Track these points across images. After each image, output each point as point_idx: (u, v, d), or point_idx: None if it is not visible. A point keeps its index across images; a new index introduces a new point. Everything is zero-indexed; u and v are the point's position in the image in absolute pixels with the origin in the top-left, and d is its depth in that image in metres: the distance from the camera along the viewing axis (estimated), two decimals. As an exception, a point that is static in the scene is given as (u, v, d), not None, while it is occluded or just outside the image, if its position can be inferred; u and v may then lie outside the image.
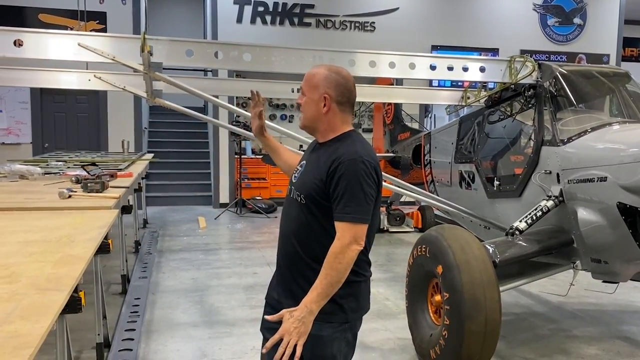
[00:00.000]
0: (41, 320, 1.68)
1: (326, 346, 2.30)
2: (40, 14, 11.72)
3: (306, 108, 2.45)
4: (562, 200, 4.70)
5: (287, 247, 2.43)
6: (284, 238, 2.46)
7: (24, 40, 4.64)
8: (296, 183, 2.45)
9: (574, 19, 15.08)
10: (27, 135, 12.12)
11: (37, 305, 1.83)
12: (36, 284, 2.07)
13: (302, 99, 2.46)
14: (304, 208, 2.35)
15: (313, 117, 2.43)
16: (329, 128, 2.44)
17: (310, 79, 2.44)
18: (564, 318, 5.74)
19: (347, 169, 2.24)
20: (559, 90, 5.18)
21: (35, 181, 5.40)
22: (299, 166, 2.52)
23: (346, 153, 2.28)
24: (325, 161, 2.32)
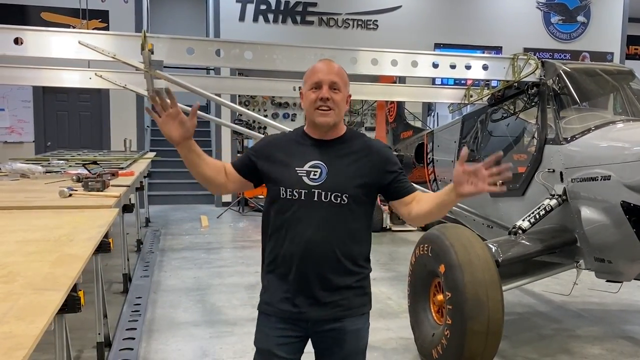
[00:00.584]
0: (37, 321, 1.66)
1: (365, 338, 2.46)
2: (42, 12, 11.72)
3: (341, 105, 2.36)
4: (566, 199, 4.67)
5: (320, 254, 2.29)
6: (314, 245, 2.29)
7: (24, 39, 4.62)
8: (325, 184, 2.29)
9: (578, 16, 15.03)
10: (30, 134, 12.13)
11: (33, 306, 1.81)
12: (33, 284, 2.05)
13: (332, 94, 2.33)
14: (345, 209, 2.30)
15: (341, 116, 2.40)
16: (342, 126, 2.44)
17: (343, 74, 2.39)
18: (567, 317, 5.70)
19: (393, 155, 2.50)
20: (562, 88, 5.14)
21: (37, 180, 5.39)
22: (309, 167, 2.32)
23: (382, 145, 2.53)
24: (368, 158, 2.37)
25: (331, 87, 2.33)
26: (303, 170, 2.32)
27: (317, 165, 2.33)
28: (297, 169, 2.33)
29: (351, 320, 2.37)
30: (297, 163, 2.34)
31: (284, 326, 2.35)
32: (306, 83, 2.41)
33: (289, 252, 2.32)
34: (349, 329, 2.37)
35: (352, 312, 2.37)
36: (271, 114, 13.69)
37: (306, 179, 2.31)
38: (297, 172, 2.32)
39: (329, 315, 2.33)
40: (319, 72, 2.36)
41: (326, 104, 2.31)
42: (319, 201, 2.29)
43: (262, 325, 2.42)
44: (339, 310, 2.34)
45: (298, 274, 2.31)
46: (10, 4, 11.61)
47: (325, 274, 2.30)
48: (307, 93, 2.37)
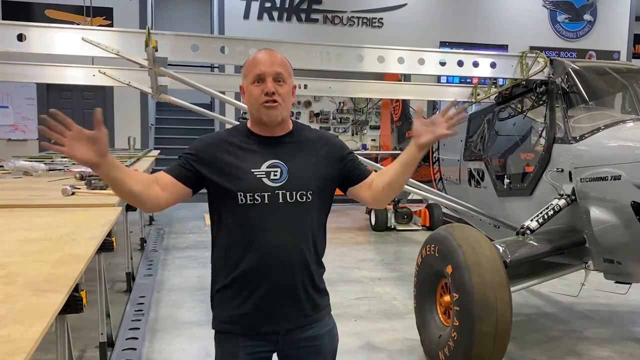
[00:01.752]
0: (36, 324, 1.61)
1: (337, 335, 2.40)
2: (46, 9, 11.71)
3: (287, 98, 2.17)
4: (575, 199, 4.60)
5: (290, 261, 2.14)
6: (284, 251, 2.13)
7: (27, 35, 4.58)
8: (288, 183, 2.13)
9: (584, 15, 14.94)
10: (34, 131, 12.11)
11: (32, 308, 1.76)
12: (33, 285, 2.00)
13: (278, 87, 2.13)
14: (310, 206, 2.17)
15: (289, 108, 2.21)
16: (289, 118, 2.26)
17: (286, 64, 2.18)
18: (574, 319, 5.64)
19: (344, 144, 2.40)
20: (571, 87, 5.07)
21: (39, 178, 5.36)
22: (267, 167, 2.14)
23: (328, 134, 2.41)
24: (324, 150, 2.25)
25: (275, 80, 2.13)
26: (261, 171, 2.13)
27: (275, 164, 2.15)
28: (254, 170, 2.13)
29: (323, 322, 2.28)
30: (252, 164, 2.14)
31: (252, 343, 2.17)
32: (247, 76, 2.18)
33: (256, 264, 2.12)
34: (323, 331, 2.27)
35: (322, 314, 2.28)
36: (275, 112, 13.62)
37: (267, 181, 2.12)
38: (255, 175, 2.12)
39: (302, 322, 2.21)
40: (260, 63, 2.14)
41: (272, 98, 2.11)
42: (284, 202, 2.12)
43: (226, 347, 2.22)
44: (311, 314, 2.23)
45: (267, 284, 2.13)
46: (15, 1, 11.61)
47: (296, 280, 2.16)
48: (250, 88, 2.16)
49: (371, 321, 5.31)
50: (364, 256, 8.22)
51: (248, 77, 2.17)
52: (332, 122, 14.09)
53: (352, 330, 5.10)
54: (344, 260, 7.83)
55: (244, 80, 2.21)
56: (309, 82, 6.28)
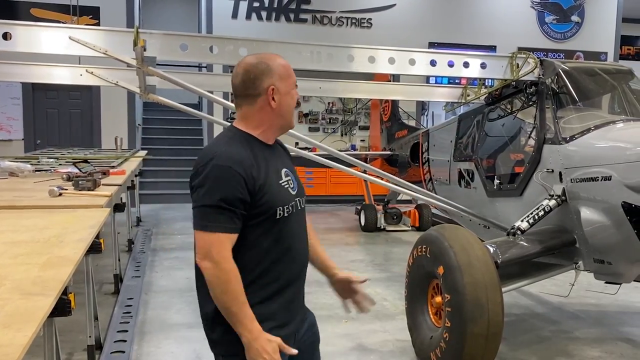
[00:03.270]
0: (24, 329, 1.56)
1: None
2: (32, 8, 11.57)
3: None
4: (565, 199, 4.61)
5: (304, 261, 2.25)
6: (306, 257, 2.25)
7: (12, 33, 4.51)
8: (297, 193, 2.16)
9: (572, 16, 15.04)
10: (19, 131, 11.97)
11: (20, 312, 1.71)
12: (21, 288, 1.95)
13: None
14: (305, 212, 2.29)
15: None
16: None
17: None
18: (565, 319, 5.65)
19: None
20: (561, 88, 5.08)
21: (26, 179, 5.27)
22: (284, 176, 2.12)
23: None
24: (288, 155, 2.30)
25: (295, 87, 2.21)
26: (284, 181, 2.11)
27: (287, 172, 2.15)
28: (281, 182, 2.10)
29: (309, 312, 2.37)
30: (276, 176, 2.09)
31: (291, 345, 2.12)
32: (286, 80, 2.11)
33: (291, 274, 2.12)
34: (313, 319, 2.36)
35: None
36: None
37: (290, 190, 2.12)
38: (283, 186, 2.10)
39: (304, 317, 2.30)
40: (291, 70, 2.16)
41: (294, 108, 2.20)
42: (301, 209, 2.19)
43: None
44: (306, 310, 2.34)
45: (292, 292, 2.14)
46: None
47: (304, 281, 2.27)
48: (292, 92, 2.14)
49: (362, 322, 5.28)
50: (354, 257, 8.20)
51: (288, 81, 2.12)
52: (321, 122, 14.07)
53: (343, 331, 5.07)
54: (334, 261, 7.63)
55: (281, 83, 2.09)
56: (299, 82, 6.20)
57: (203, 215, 1.94)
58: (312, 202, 12.48)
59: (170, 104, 5.25)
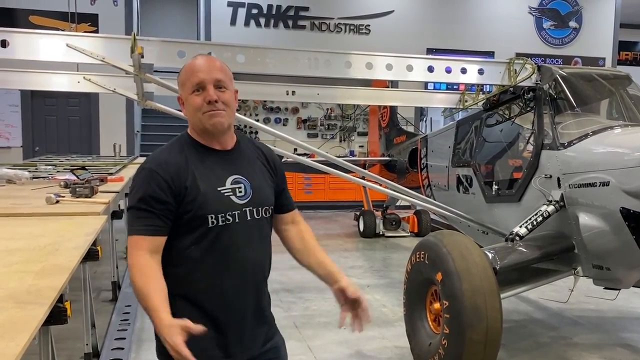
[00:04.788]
0: (18, 338, 1.55)
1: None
2: (30, 16, 11.59)
3: (232, 104, 2.06)
4: (563, 205, 4.61)
5: (256, 280, 2.09)
6: (252, 272, 2.06)
7: (10, 41, 4.51)
8: (252, 201, 2.04)
9: (570, 22, 15.07)
10: (18, 138, 11.97)
11: (14, 321, 1.70)
12: (15, 297, 1.94)
13: (226, 93, 2.03)
14: (267, 222, 2.13)
15: (234, 115, 2.10)
16: (232, 127, 2.13)
17: (225, 69, 2.07)
18: (564, 325, 5.63)
19: (281, 163, 2.30)
20: (559, 93, 5.09)
21: (23, 186, 5.26)
22: (232, 184, 2.02)
23: (268, 148, 2.29)
24: (262, 161, 2.18)
25: (217, 86, 2.00)
26: (227, 188, 2.01)
27: (238, 180, 2.04)
28: (220, 189, 2.00)
29: (278, 334, 2.24)
30: (216, 182, 2.01)
31: None
32: (184, 85, 2.04)
33: (232, 290, 2.00)
34: (280, 343, 2.23)
35: (274, 327, 2.23)
36: (263, 119, 13.58)
37: (234, 198, 2.01)
38: (223, 193, 1.99)
39: (263, 340, 2.14)
40: (199, 70, 2.00)
41: (215, 107, 1.99)
42: (252, 219, 2.03)
43: None
44: (269, 331, 2.18)
45: (232, 310, 2.01)
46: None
47: (258, 300, 2.11)
48: (190, 97, 2.01)
49: (361, 329, 5.26)
50: (353, 263, 8.19)
51: (186, 86, 2.03)
52: (319, 128, 14.07)
53: (341, 338, 5.04)
54: (333, 267, 7.77)
55: (182, 90, 2.06)
56: (297, 89, 6.25)
57: (128, 218, 2.02)
58: (311, 208, 12.46)
59: (168, 111, 5.25)
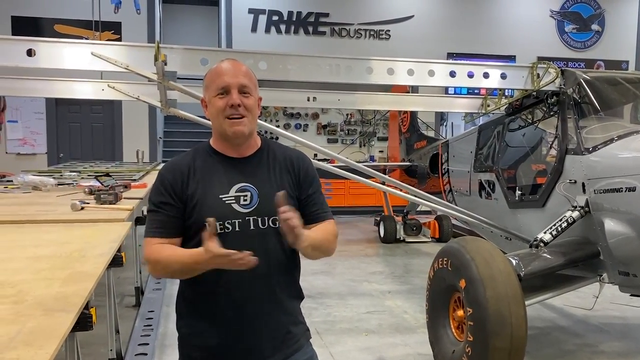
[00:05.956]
0: (46, 346, 1.57)
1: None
2: (55, 24, 11.78)
3: (254, 111, 2.05)
4: (588, 210, 4.54)
5: (257, 293, 2.02)
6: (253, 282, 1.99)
7: (37, 50, 4.58)
8: (257, 210, 1.99)
9: (592, 25, 14.91)
10: (43, 145, 12.16)
11: (42, 329, 1.72)
12: (43, 304, 1.96)
13: (250, 99, 2.03)
14: (274, 233, 1.99)
15: (255, 122, 2.08)
16: (256, 134, 2.12)
17: (251, 75, 2.06)
18: (589, 332, 5.55)
19: (312, 169, 2.17)
20: (583, 97, 5.02)
21: (49, 192, 5.33)
22: (236, 192, 2.01)
23: (299, 154, 2.17)
24: (286, 170, 2.09)
25: (241, 91, 2.00)
26: (230, 196, 1.99)
27: (245, 188, 2.01)
28: (222, 196, 1.99)
29: (301, 351, 2.14)
30: (219, 189, 2.01)
31: None
32: (209, 88, 2.05)
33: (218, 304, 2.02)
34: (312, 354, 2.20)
35: (300, 342, 2.14)
36: (283, 125, 13.63)
37: (236, 206, 1.98)
38: (223, 201, 1.98)
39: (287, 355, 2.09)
40: (224, 74, 2.01)
41: (238, 111, 1.99)
42: (255, 229, 1.99)
43: None
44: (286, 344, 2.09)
45: (234, 328, 2.02)
46: (24, 17, 11.69)
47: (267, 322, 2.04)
48: (213, 100, 2.03)
49: (382, 336, 5.24)
50: (374, 269, 8.16)
51: (210, 88, 2.05)
52: (339, 133, 14.08)
53: (364, 345, 5.03)
54: (353, 272, 7.77)
55: (206, 93, 2.08)
56: (318, 95, 6.25)
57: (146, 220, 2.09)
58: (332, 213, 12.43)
59: (191, 118, 5.29)
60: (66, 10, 11.86)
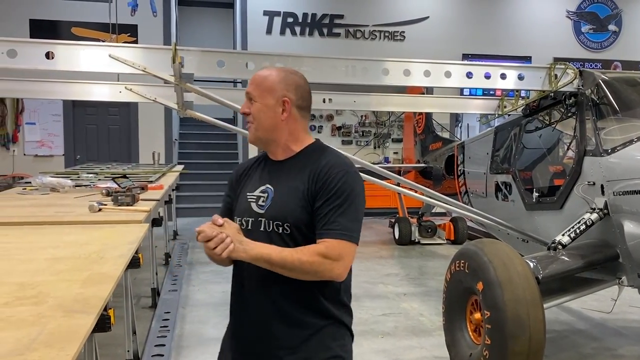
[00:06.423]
0: (67, 348, 1.58)
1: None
2: (73, 27, 11.89)
3: (260, 116, 2.04)
4: (607, 212, 4.50)
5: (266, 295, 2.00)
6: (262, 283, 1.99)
7: (55, 53, 4.62)
8: (268, 212, 2.00)
9: (609, 25, 14.76)
10: (60, 147, 12.27)
11: (62, 330, 1.73)
12: (63, 306, 1.98)
13: (250, 106, 2.06)
14: (279, 239, 1.97)
15: (270, 127, 2.04)
16: (291, 139, 2.08)
17: (262, 82, 2.06)
18: (607, 336, 5.49)
19: (339, 182, 1.96)
20: (601, 98, 4.98)
21: (66, 194, 5.38)
22: (259, 192, 2.05)
23: (335, 163, 2.01)
24: (302, 177, 2.00)
25: (249, 99, 2.08)
26: (253, 195, 2.07)
27: (266, 189, 2.06)
28: (248, 194, 2.09)
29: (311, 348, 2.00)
30: (250, 188, 2.10)
31: None
32: None
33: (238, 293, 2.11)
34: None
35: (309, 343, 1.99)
36: (298, 126, 13.62)
37: (254, 206, 2.05)
38: (247, 198, 2.08)
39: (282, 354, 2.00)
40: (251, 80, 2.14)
41: (246, 119, 2.09)
42: (264, 231, 1.99)
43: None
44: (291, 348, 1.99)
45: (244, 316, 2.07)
46: (42, 20, 11.81)
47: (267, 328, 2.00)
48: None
49: (398, 338, 5.22)
50: (389, 270, 8.13)
51: None
52: (354, 135, 14.06)
53: (379, 347, 5.02)
54: (369, 274, 7.75)
55: None
56: (334, 96, 6.25)
57: None
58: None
59: (207, 120, 5.31)
60: (83, 13, 11.96)
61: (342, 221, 1.93)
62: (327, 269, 1.90)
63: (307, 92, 2.13)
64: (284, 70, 2.12)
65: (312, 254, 1.88)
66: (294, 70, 2.15)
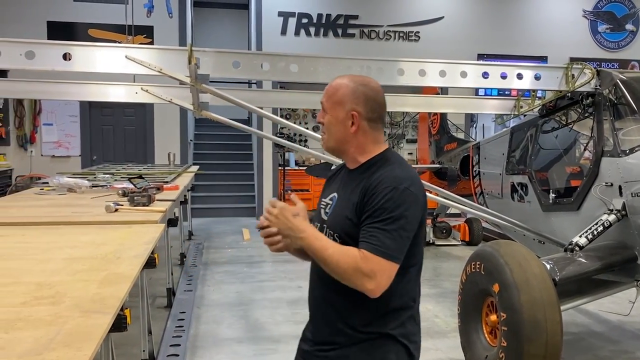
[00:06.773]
0: (84, 347, 1.59)
1: None
2: (89, 29, 11.99)
3: (331, 128, 2.10)
4: (625, 214, 4.45)
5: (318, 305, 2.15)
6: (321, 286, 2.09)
7: (72, 54, 4.66)
8: (328, 220, 2.10)
9: (626, 25, 14.59)
10: (77, 148, 12.37)
11: (80, 330, 1.75)
12: (80, 305, 1.99)
13: (324, 116, 2.11)
14: None
15: (340, 139, 2.09)
16: (358, 151, 2.10)
17: (333, 94, 2.08)
18: (625, 339, 5.43)
19: (385, 198, 1.91)
20: (619, 98, 4.92)
21: (83, 194, 5.43)
22: (328, 199, 2.15)
23: (385, 178, 1.96)
24: (357, 190, 2.01)
25: (323, 110, 2.14)
26: (324, 202, 2.18)
27: (333, 197, 2.14)
28: (322, 200, 2.21)
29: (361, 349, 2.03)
30: (325, 194, 2.22)
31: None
32: None
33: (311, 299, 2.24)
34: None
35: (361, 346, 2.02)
36: (312, 127, 13.64)
37: (322, 213, 2.16)
38: (320, 204, 2.21)
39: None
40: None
41: (321, 129, 2.17)
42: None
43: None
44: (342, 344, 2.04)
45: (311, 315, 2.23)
46: (59, 22, 11.91)
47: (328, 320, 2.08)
48: None
49: (413, 339, 5.19)
50: (404, 272, 8.08)
51: None
52: (368, 136, 14.01)
53: (394, 348, 4.99)
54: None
55: None
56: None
57: None
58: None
59: (222, 120, 5.32)
60: (100, 15, 12.06)
61: (381, 237, 1.88)
62: (359, 284, 1.88)
63: (378, 103, 2.11)
64: (355, 81, 2.09)
65: (349, 262, 1.87)
66: (365, 81, 2.11)
